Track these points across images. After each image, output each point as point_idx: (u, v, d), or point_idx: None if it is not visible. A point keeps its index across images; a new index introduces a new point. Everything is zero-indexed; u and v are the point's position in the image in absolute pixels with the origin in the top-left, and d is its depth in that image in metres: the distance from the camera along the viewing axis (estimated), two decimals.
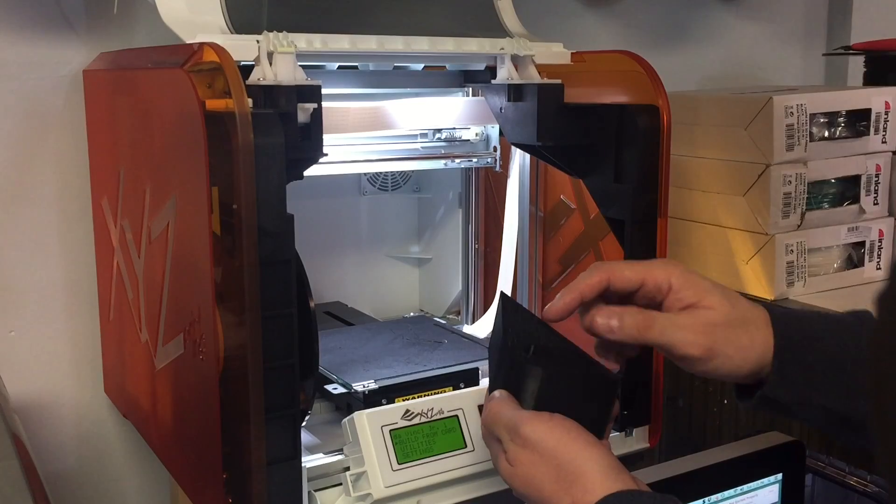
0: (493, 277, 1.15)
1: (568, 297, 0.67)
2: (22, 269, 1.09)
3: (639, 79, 0.90)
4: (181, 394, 0.84)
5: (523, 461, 0.63)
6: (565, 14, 1.40)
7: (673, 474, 0.83)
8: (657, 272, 0.68)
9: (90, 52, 1.08)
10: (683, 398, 1.19)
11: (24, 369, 1.10)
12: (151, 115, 0.85)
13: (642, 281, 0.68)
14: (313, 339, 0.78)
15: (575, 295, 0.67)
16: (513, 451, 0.64)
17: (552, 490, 0.62)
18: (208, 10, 0.83)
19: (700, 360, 0.67)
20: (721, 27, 1.57)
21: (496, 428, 0.66)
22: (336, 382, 0.93)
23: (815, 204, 1.17)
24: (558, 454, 0.62)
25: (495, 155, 1.11)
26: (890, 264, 1.23)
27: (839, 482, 0.97)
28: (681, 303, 0.68)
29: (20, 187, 1.07)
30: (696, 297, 0.67)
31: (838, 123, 1.18)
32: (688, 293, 0.68)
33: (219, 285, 0.73)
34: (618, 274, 0.68)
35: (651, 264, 0.69)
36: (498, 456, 0.67)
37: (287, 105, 0.74)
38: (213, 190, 0.71)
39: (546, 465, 0.62)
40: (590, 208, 1.01)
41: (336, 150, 1.00)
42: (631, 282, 0.68)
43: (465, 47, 0.91)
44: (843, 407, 0.68)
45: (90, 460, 1.16)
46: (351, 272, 1.27)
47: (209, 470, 0.77)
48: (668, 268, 0.69)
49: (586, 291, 0.68)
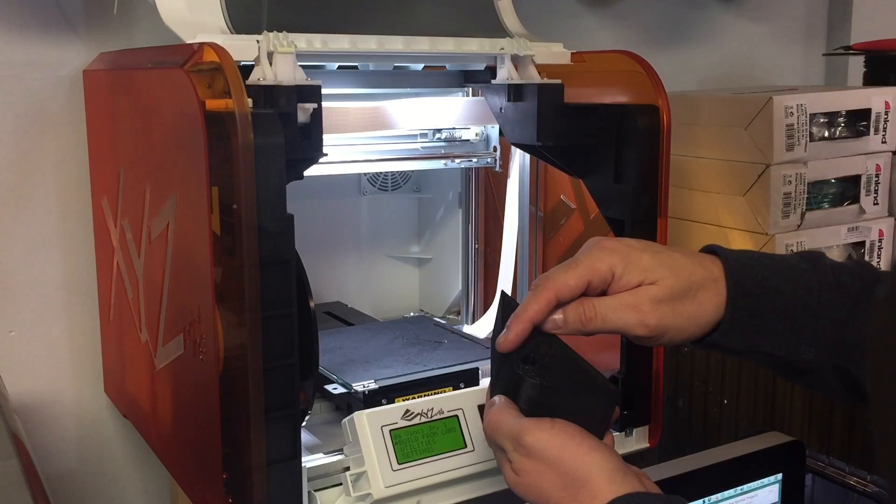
0: (493, 277, 1.15)
1: (519, 329, 0.66)
2: (22, 269, 1.09)
3: (639, 79, 0.90)
4: (181, 394, 0.84)
5: (529, 470, 0.63)
6: (565, 14, 1.40)
7: (673, 474, 0.83)
8: (599, 266, 0.67)
9: (90, 52, 1.08)
10: (683, 398, 1.19)
11: (24, 369, 1.10)
12: (151, 115, 0.85)
13: (588, 282, 0.67)
14: (313, 339, 0.78)
15: (526, 325, 0.66)
16: (517, 460, 0.64)
17: (559, 497, 0.62)
18: (208, 10, 0.83)
19: (650, 338, 0.67)
20: (721, 27, 1.57)
21: (498, 437, 0.66)
22: (336, 382, 0.93)
23: (815, 204, 1.17)
24: (563, 461, 0.62)
25: (495, 155, 1.11)
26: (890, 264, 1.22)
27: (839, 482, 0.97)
28: (627, 286, 0.67)
29: (20, 187, 1.07)
30: (640, 277, 0.67)
31: (838, 123, 1.18)
32: (631, 276, 0.67)
33: (219, 285, 0.73)
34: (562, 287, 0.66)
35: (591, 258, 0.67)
36: (503, 465, 0.67)
37: (287, 105, 0.74)
38: (213, 190, 0.71)
39: (552, 473, 0.62)
40: (590, 208, 1.01)
41: (336, 150, 1.00)
42: (577, 289, 0.67)
43: (465, 47, 0.91)
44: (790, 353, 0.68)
45: (90, 460, 1.16)
46: (351, 272, 1.27)
47: (209, 470, 0.77)
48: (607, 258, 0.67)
49: (536, 317, 0.66)
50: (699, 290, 0.68)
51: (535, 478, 0.63)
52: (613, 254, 0.67)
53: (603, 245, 0.68)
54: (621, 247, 0.68)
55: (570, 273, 0.67)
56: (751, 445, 0.89)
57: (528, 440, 0.63)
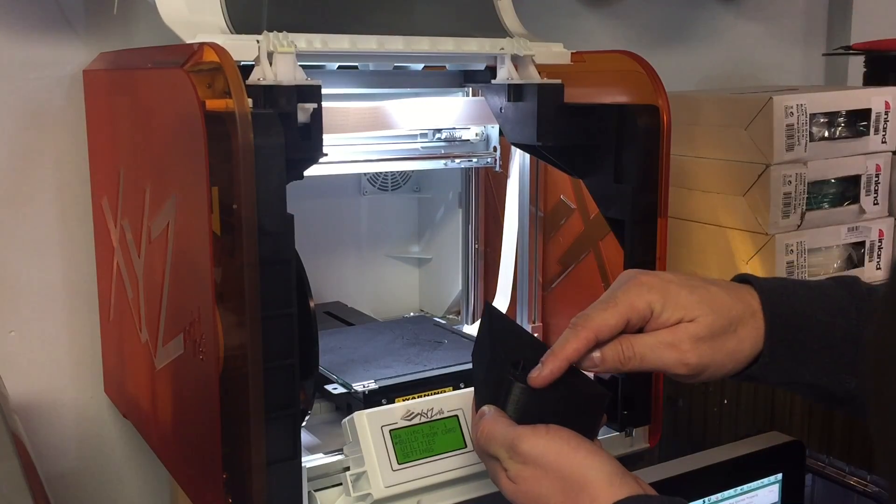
0: (493, 277, 1.15)
1: (555, 366, 0.65)
2: (22, 269, 1.09)
3: (639, 79, 0.90)
4: (181, 394, 0.84)
5: (526, 477, 0.63)
6: (565, 14, 1.40)
7: (673, 474, 0.84)
8: (637, 303, 0.67)
9: (90, 52, 1.08)
10: (683, 398, 1.19)
11: (24, 369, 1.10)
12: (151, 115, 0.85)
13: (627, 320, 0.67)
14: (313, 339, 0.78)
15: (563, 364, 0.65)
16: (514, 468, 0.64)
17: (559, 502, 0.62)
18: (208, 10, 0.83)
19: (690, 376, 0.67)
20: (721, 27, 1.57)
21: (492, 447, 0.65)
22: (336, 382, 0.93)
23: (815, 204, 1.17)
24: (561, 467, 0.62)
25: (495, 155, 1.11)
26: (890, 264, 1.23)
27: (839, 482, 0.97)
28: (666, 324, 0.67)
29: (20, 187, 1.07)
30: (680, 314, 0.67)
31: (838, 123, 1.18)
32: (670, 314, 0.67)
33: (219, 285, 0.73)
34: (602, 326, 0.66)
35: (629, 296, 0.67)
36: (497, 474, 0.66)
37: (287, 105, 0.74)
38: (213, 190, 0.71)
39: (549, 478, 0.62)
40: (590, 208, 1.01)
41: (336, 150, 1.00)
42: (617, 329, 0.66)
43: (465, 47, 0.91)
44: (831, 382, 0.68)
45: (90, 460, 1.16)
46: (351, 272, 1.27)
47: (209, 470, 0.77)
48: (645, 294, 0.67)
49: (574, 357, 0.66)
50: (739, 326, 0.68)
51: (533, 484, 0.63)
52: (652, 291, 0.67)
53: (641, 281, 0.68)
54: (659, 283, 0.68)
55: (609, 312, 0.66)
56: (751, 445, 0.89)
57: (524, 447, 0.63)
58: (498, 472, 0.66)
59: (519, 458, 0.63)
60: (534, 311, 1.11)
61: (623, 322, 0.66)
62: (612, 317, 0.66)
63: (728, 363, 0.68)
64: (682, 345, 0.66)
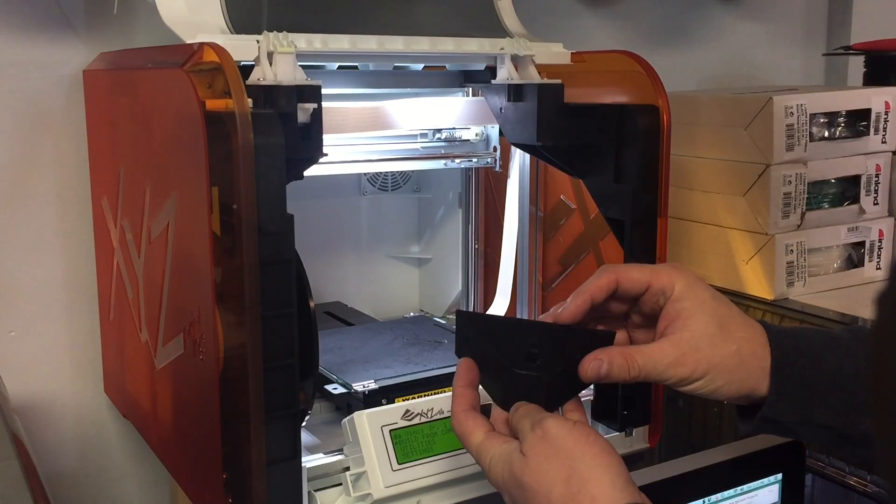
0: (493, 277, 1.15)
1: (579, 300, 0.68)
2: (22, 269, 1.09)
3: (639, 79, 0.90)
4: (181, 394, 0.84)
5: (538, 452, 0.63)
6: (565, 14, 1.40)
7: (673, 474, 0.83)
8: (663, 276, 0.68)
9: (90, 52, 1.08)
10: (683, 398, 1.19)
11: (24, 369, 1.10)
12: (151, 115, 0.85)
13: (648, 283, 0.68)
14: (313, 339, 0.78)
15: (586, 297, 0.68)
16: (530, 440, 0.64)
17: (560, 492, 0.61)
18: (208, 10, 0.83)
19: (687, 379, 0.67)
20: (721, 27, 1.58)
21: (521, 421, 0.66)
22: (336, 382, 0.93)
23: (815, 204, 1.17)
24: (574, 455, 0.62)
25: (495, 155, 1.11)
26: (890, 264, 1.22)
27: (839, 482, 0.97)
28: (676, 313, 0.68)
29: (20, 187, 1.07)
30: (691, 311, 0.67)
31: (838, 123, 1.18)
32: (686, 304, 0.67)
33: (219, 285, 0.73)
34: (625, 275, 0.69)
35: (658, 268, 0.70)
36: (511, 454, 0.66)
37: (287, 105, 0.74)
38: (213, 190, 0.71)
39: (559, 461, 0.62)
40: (590, 208, 1.01)
41: (336, 150, 1.00)
42: (639, 283, 0.68)
43: (465, 47, 0.91)
44: (844, 424, 0.68)
45: (90, 460, 1.16)
46: (351, 272, 1.27)
47: (209, 470, 0.77)
48: (673, 274, 0.68)
49: (596, 294, 0.68)
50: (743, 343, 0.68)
51: (542, 461, 0.63)
52: (680, 275, 0.69)
53: (675, 265, 0.71)
54: (689, 274, 0.69)
55: (635, 267, 0.69)
56: (751, 445, 0.89)
57: (549, 423, 0.64)
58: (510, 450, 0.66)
59: (540, 431, 0.64)
60: (534, 312, 1.11)
61: (646, 281, 0.68)
62: (636, 270, 0.69)
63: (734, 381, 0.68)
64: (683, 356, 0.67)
